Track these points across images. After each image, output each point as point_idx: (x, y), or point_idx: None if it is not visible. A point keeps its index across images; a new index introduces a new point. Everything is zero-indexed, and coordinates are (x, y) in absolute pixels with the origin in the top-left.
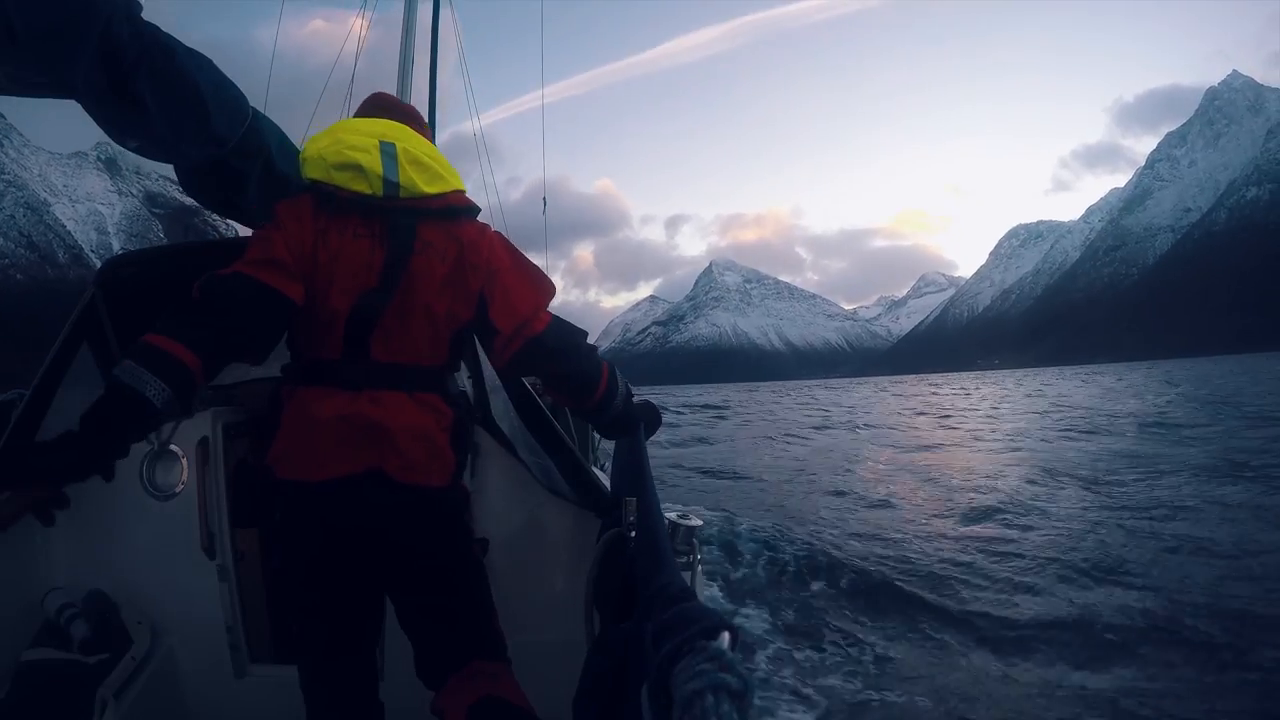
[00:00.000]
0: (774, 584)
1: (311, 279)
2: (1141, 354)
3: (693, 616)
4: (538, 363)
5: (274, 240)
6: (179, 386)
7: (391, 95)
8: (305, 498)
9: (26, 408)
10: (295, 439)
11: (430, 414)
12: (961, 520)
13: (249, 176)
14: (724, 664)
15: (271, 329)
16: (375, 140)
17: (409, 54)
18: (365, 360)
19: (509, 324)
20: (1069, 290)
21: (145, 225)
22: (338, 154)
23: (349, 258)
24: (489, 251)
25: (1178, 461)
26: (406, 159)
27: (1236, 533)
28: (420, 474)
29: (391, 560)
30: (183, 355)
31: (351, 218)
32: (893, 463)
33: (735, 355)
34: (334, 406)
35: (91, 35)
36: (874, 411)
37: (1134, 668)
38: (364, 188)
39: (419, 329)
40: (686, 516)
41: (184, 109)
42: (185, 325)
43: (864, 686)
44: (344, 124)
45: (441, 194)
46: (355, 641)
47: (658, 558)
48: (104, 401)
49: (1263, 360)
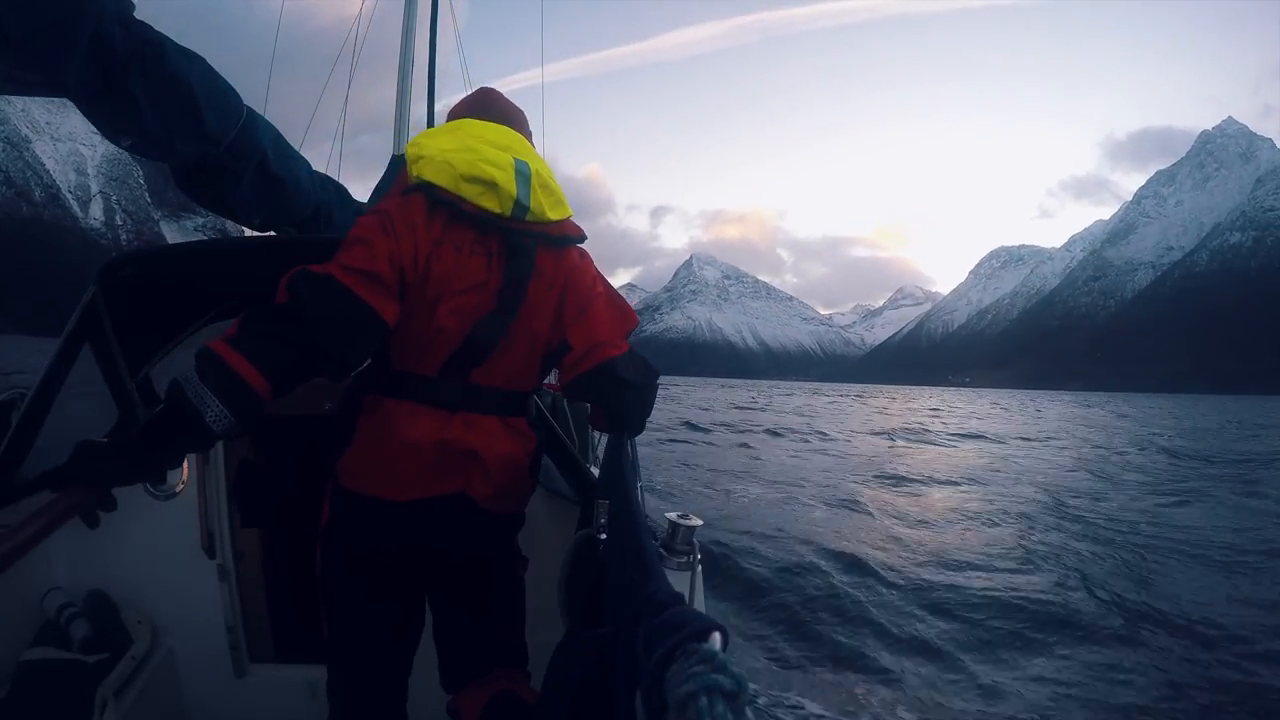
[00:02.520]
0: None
1: (419, 291)
2: (1111, 385)
3: (683, 620)
4: (604, 389)
5: (378, 249)
6: (242, 412)
7: (500, 94)
8: (380, 514)
9: (28, 408)
10: (378, 455)
11: (519, 440)
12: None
13: (242, 175)
14: (716, 665)
15: (359, 351)
16: (510, 157)
17: (410, 34)
18: (464, 381)
19: (584, 343)
20: (1045, 315)
21: (126, 170)
22: (470, 165)
23: (462, 275)
24: (590, 282)
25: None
26: (538, 182)
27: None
28: (502, 502)
29: (448, 577)
30: (254, 381)
31: (469, 232)
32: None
33: (709, 350)
34: (428, 428)
35: (83, 35)
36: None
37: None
38: (493, 205)
39: (520, 354)
40: (686, 516)
41: (177, 108)
42: (263, 340)
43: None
44: (470, 128)
45: (560, 221)
46: (397, 654)
47: (642, 562)
48: (165, 416)
49: (1229, 402)
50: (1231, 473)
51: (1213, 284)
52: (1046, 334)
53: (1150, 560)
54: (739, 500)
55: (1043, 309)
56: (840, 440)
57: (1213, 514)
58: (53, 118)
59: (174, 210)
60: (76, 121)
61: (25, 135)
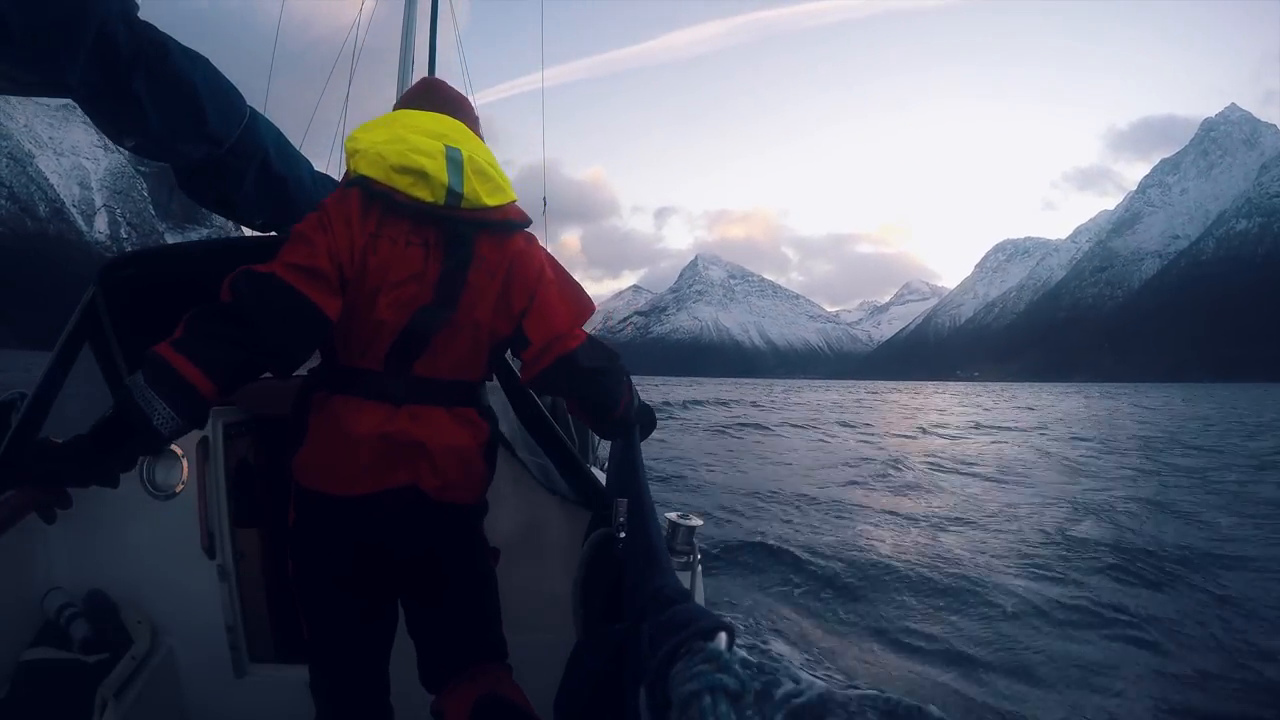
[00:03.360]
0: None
1: (358, 285)
2: (1122, 376)
3: (689, 618)
4: (567, 381)
5: (318, 246)
6: (190, 414)
7: (443, 83)
8: (334, 511)
9: (28, 409)
10: (327, 450)
11: (469, 430)
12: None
13: (245, 176)
14: (721, 665)
15: (304, 347)
16: (441, 144)
17: (410, 37)
18: (408, 374)
19: (542, 337)
20: (1052, 308)
21: (129, 183)
22: (400, 155)
23: (399, 266)
24: (537, 267)
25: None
26: (472, 168)
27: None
28: (454, 493)
29: (412, 571)
30: (197, 381)
31: (403, 223)
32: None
33: (715, 350)
34: (372, 422)
35: (87, 35)
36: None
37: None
38: (425, 195)
39: (464, 344)
40: (686, 516)
41: (180, 108)
42: (208, 340)
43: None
44: (403, 118)
45: (500, 206)
46: (372, 649)
47: (652, 559)
48: (113, 420)
49: (1239, 390)
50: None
51: (1220, 271)
52: (1054, 326)
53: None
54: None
55: (1050, 301)
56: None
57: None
58: (55, 132)
59: (178, 222)
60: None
61: (28, 150)
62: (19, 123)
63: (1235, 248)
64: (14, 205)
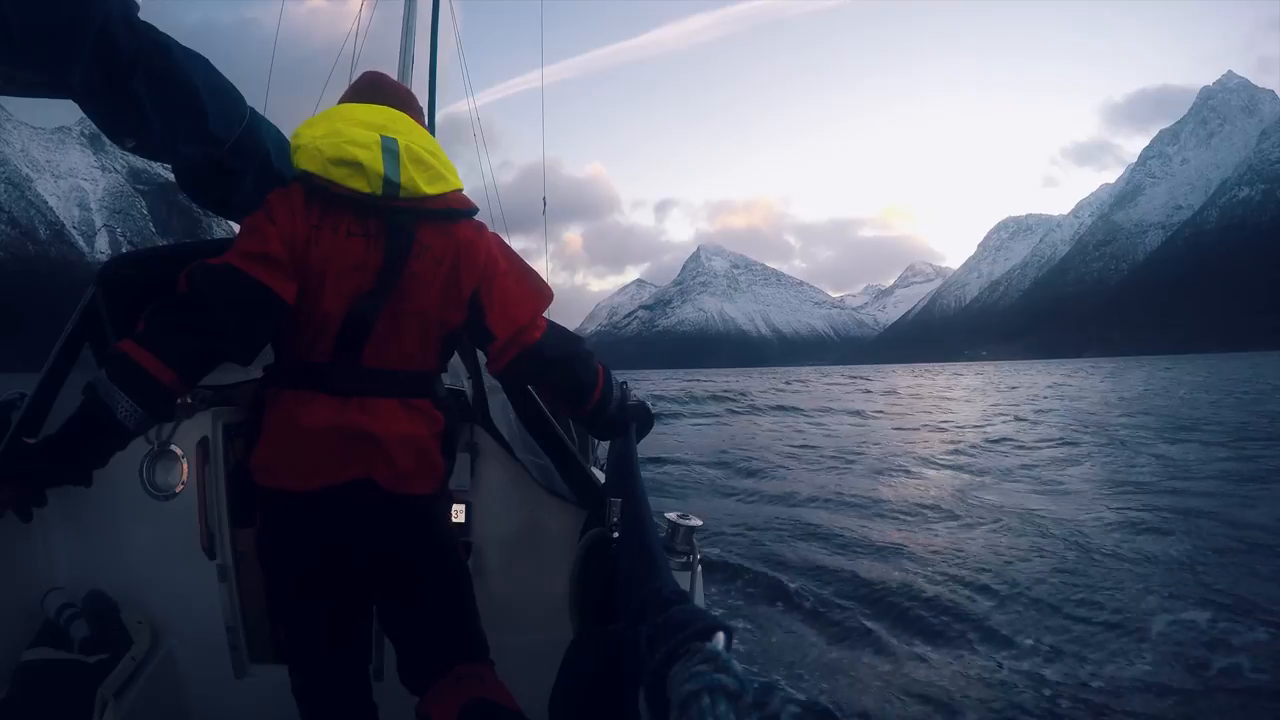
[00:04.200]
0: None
1: (303, 277)
2: (1130, 349)
3: (687, 619)
4: (535, 371)
5: (267, 233)
6: (153, 406)
7: (386, 75)
8: (291, 508)
9: (28, 409)
10: (280, 446)
11: (422, 420)
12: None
13: (245, 176)
14: (720, 665)
15: (261, 331)
16: (376, 135)
17: (409, 39)
18: (355, 365)
19: (505, 330)
20: (1058, 284)
21: (129, 202)
22: (335, 148)
23: (341, 257)
24: (486, 255)
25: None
26: (409, 157)
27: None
28: (410, 483)
29: (377, 567)
30: (158, 373)
31: (345, 215)
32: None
33: (722, 340)
34: (322, 414)
35: (88, 35)
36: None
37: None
38: (362, 186)
39: (411, 334)
40: (686, 517)
41: (180, 109)
42: (166, 331)
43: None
44: (342, 111)
45: (441, 194)
46: (346, 647)
47: (647, 559)
48: (79, 417)
49: (1248, 360)
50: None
51: (1225, 240)
52: (1060, 302)
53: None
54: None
55: (1055, 277)
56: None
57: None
58: (52, 155)
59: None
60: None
61: (26, 174)
62: (15, 147)
63: (1239, 215)
64: (14, 230)
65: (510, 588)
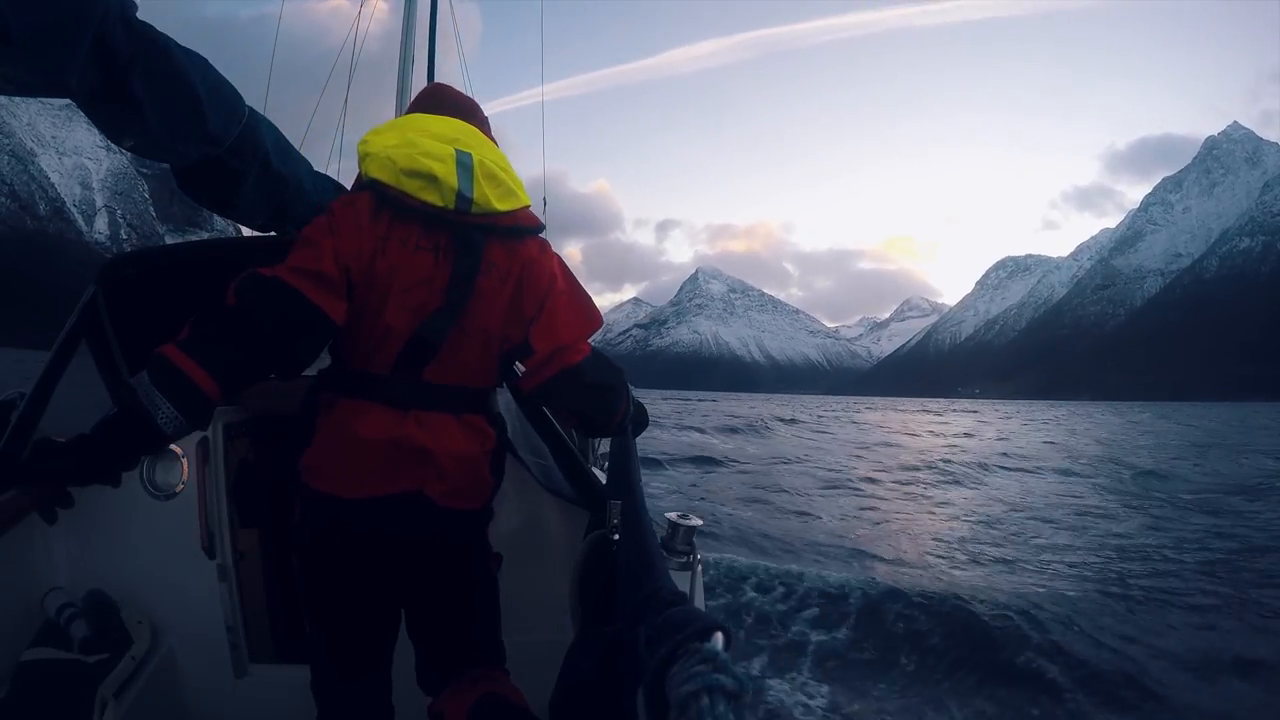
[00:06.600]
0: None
1: (366, 289)
2: (1124, 394)
3: (686, 619)
4: (570, 394)
5: (324, 249)
6: (192, 414)
7: (450, 87)
8: (339, 513)
9: (26, 407)
10: (334, 453)
11: (476, 438)
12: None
13: (245, 176)
14: (718, 665)
15: (306, 349)
16: (451, 148)
17: (409, 50)
18: (416, 380)
19: (546, 346)
20: (1054, 325)
21: (131, 184)
22: (410, 159)
23: (408, 271)
24: (549, 274)
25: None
26: (482, 172)
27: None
28: (459, 499)
29: (416, 575)
30: (201, 381)
31: (414, 227)
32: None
33: (715, 364)
34: (380, 426)
35: (86, 35)
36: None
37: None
38: (435, 199)
39: (473, 351)
40: (686, 516)
41: (179, 109)
42: (213, 342)
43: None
44: (413, 121)
45: (511, 211)
46: (375, 651)
47: (646, 561)
48: (116, 419)
49: (1243, 410)
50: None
51: (1223, 290)
52: (1056, 343)
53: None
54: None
55: (1051, 318)
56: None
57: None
58: (58, 131)
59: (179, 224)
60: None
61: (30, 148)
62: (22, 121)
63: (1239, 266)
64: (14, 203)
65: (512, 588)
